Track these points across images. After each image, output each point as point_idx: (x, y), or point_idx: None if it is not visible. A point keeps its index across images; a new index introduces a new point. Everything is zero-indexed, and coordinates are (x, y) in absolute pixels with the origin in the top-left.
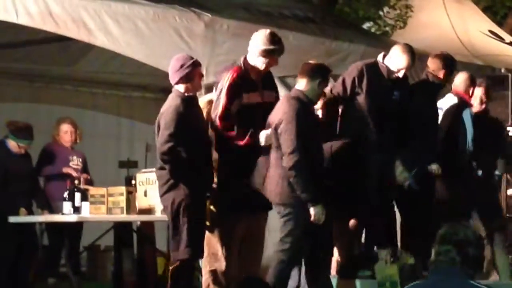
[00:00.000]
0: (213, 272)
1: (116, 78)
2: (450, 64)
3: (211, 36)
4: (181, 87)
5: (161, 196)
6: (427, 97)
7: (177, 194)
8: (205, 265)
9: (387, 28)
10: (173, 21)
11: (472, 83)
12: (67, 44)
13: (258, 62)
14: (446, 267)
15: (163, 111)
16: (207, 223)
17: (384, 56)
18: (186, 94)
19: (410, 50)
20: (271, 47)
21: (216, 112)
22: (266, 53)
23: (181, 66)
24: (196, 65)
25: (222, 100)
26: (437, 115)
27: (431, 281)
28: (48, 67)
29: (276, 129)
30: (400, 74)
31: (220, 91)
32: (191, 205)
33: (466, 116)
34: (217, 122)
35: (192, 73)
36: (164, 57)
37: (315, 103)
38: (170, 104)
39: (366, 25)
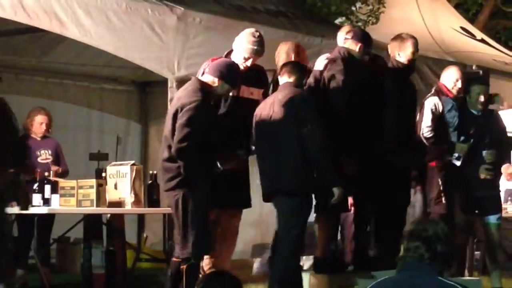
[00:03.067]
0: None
1: (87, 69)
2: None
3: (183, 29)
4: (208, 79)
5: (169, 190)
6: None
7: (187, 191)
8: None
9: (359, 24)
10: (145, 13)
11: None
12: (38, 36)
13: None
14: (415, 263)
15: (184, 103)
16: None
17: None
18: (207, 89)
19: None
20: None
21: None
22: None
23: (229, 67)
24: (234, 84)
25: None
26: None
27: (399, 277)
28: (18, 58)
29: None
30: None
31: None
32: (200, 203)
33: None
34: None
35: (229, 80)
36: (135, 50)
37: None
38: (194, 98)
39: (338, 20)
